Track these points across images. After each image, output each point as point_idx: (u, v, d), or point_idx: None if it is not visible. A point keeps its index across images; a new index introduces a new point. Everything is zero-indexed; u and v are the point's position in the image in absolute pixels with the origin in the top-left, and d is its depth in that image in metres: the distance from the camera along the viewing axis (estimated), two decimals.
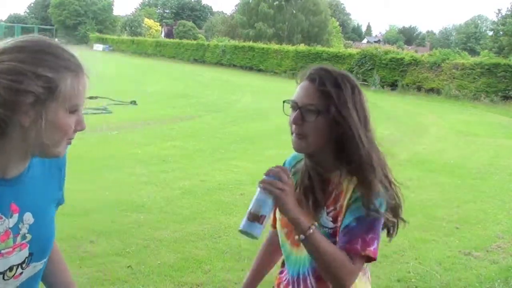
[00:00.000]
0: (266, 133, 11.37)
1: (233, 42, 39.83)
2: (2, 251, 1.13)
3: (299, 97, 1.47)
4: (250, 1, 57.41)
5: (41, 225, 1.20)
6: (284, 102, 1.52)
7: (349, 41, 77.43)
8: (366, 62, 27.39)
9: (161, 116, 12.68)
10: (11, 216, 1.14)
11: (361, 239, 1.38)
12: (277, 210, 1.64)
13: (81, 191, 6.02)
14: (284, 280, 1.65)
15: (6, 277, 1.15)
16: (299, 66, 31.02)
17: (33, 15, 78.68)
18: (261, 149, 9.37)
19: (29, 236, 1.17)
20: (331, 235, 1.45)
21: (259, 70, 33.62)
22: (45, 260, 1.26)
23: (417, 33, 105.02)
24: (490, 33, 60.37)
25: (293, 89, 1.52)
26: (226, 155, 8.80)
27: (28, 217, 1.17)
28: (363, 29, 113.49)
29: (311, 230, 1.35)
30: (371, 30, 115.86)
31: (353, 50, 32.51)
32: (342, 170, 1.47)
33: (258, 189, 1.38)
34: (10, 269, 1.15)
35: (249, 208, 1.36)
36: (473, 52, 53.60)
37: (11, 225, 1.14)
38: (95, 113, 12.21)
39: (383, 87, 25.82)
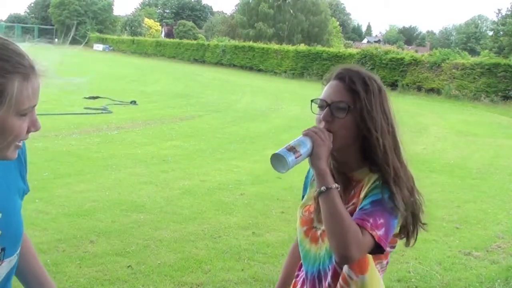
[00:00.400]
0: (266, 133, 11.38)
1: (233, 42, 39.85)
2: None
3: (328, 95, 1.50)
4: (250, 1, 57.41)
5: (9, 218, 1.19)
6: (312, 101, 1.54)
7: (349, 41, 77.44)
8: (366, 62, 27.38)
9: (161, 116, 12.68)
10: None
11: (373, 219, 1.38)
12: (298, 213, 1.65)
13: (81, 191, 6.03)
14: (300, 281, 1.66)
15: None
16: (299, 66, 31.09)
17: (33, 15, 78.64)
18: (261, 149, 9.37)
19: None
20: None
21: (259, 70, 33.63)
22: (17, 252, 1.25)
23: (417, 33, 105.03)
24: (490, 33, 60.40)
25: (293, 89, 1.55)
26: (226, 155, 8.80)
27: None
28: (363, 29, 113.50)
29: (334, 186, 1.38)
30: (371, 30, 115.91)
31: (353, 50, 32.55)
32: (366, 168, 1.50)
33: (301, 135, 1.43)
34: None
35: (289, 143, 1.39)
36: (473, 52, 53.63)
37: None
38: (95, 113, 12.21)
39: None
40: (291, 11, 55.67)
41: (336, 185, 1.40)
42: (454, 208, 6.45)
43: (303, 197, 1.69)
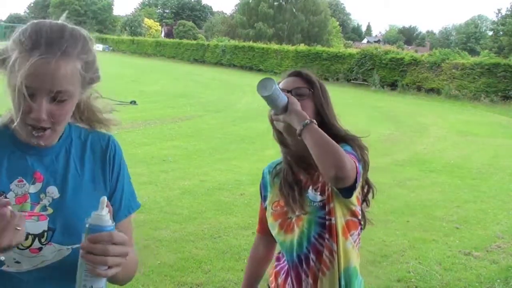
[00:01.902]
0: (266, 133, 11.34)
1: (233, 42, 39.83)
2: None
3: (287, 85, 1.68)
4: (250, 1, 57.42)
5: (67, 203, 1.16)
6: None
7: (349, 41, 77.45)
8: (366, 62, 27.39)
9: (161, 116, 12.68)
10: (33, 183, 1.14)
11: (349, 155, 1.53)
12: (266, 213, 1.80)
13: None
14: (283, 272, 1.75)
15: (21, 246, 1.09)
16: (299, 66, 31.00)
17: (33, 15, 78.63)
18: (260, 149, 9.36)
19: (50, 210, 1.14)
20: (320, 208, 1.61)
21: (259, 70, 33.61)
22: (73, 247, 1.15)
23: (417, 33, 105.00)
24: (490, 33, 60.48)
25: None
26: (226, 155, 8.80)
27: (53, 191, 1.16)
28: (363, 29, 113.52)
29: (314, 121, 1.52)
30: (371, 30, 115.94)
31: (353, 50, 32.54)
32: None
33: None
34: (26, 237, 1.07)
35: None
36: (473, 52, 53.62)
37: (31, 191, 1.14)
38: None
39: (383, 87, 25.82)
40: (293, 9, 55.64)
41: (314, 120, 1.53)
42: (454, 208, 6.45)
43: (265, 197, 1.83)
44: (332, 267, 1.61)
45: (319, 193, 1.63)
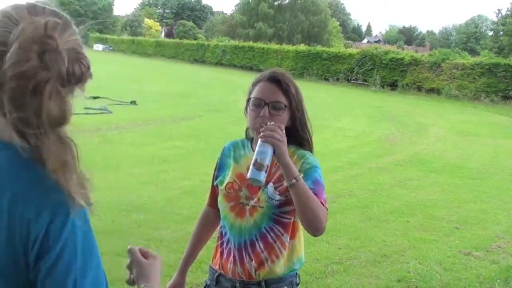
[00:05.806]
0: None
1: (233, 42, 39.86)
2: None
3: (266, 95, 1.76)
4: (250, 1, 57.43)
5: None
6: (248, 100, 1.83)
7: (349, 41, 77.39)
8: (366, 62, 27.39)
9: (161, 116, 12.68)
10: None
11: (322, 197, 1.66)
12: (220, 190, 1.90)
13: None
14: (226, 249, 1.88)
15: None
16: (299, 66, 31.07)
17: None
18: None
19: None
20: (277, 206, 1.74)
21: (259, 70, 33.16)
22: None
23: (417, 33, 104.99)
24: (490, 33, 60.51)
25: None
26: None
27: None
28: (363, 29, 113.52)
29: (301, 176, 1.60)
30: (371, 30, 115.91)
31: (353, 50, 32.56)
32: (289, 148, 1.73)
33: (260, 141, 1.58)
34: None
35: (254, 159, 1.57)
36: (473, 52, 53.60)
37: None
38: (95, 113, 12.21)
39: (383, 87, 25.82)
40: (286, 10, 55.64)
41: (301, 174, 1.62)
42: (454, 208, 6.45)
43: (217, 176, 1.94)
44: (282, 257, 1.77)
45: (278, 192, 1.74)
